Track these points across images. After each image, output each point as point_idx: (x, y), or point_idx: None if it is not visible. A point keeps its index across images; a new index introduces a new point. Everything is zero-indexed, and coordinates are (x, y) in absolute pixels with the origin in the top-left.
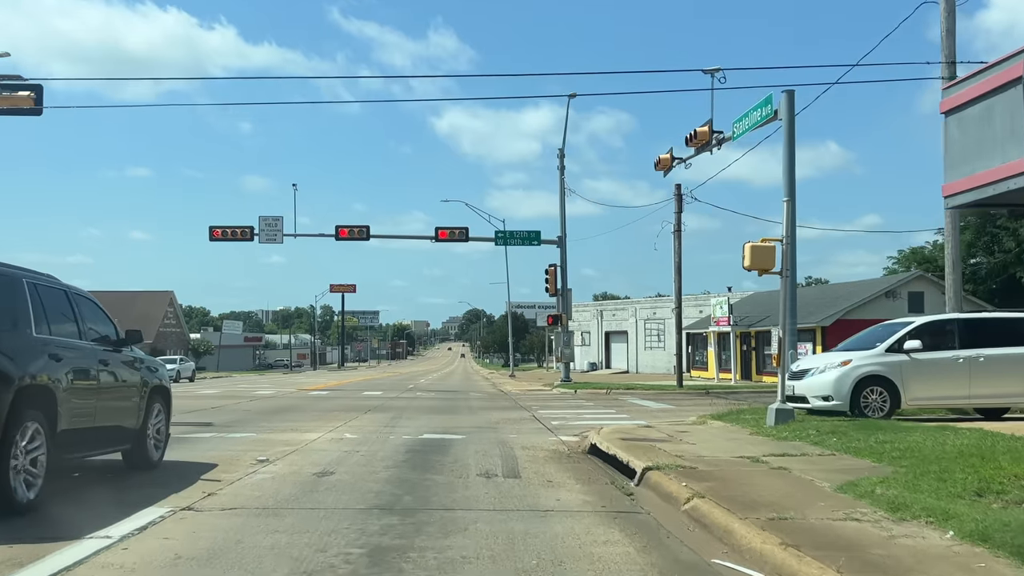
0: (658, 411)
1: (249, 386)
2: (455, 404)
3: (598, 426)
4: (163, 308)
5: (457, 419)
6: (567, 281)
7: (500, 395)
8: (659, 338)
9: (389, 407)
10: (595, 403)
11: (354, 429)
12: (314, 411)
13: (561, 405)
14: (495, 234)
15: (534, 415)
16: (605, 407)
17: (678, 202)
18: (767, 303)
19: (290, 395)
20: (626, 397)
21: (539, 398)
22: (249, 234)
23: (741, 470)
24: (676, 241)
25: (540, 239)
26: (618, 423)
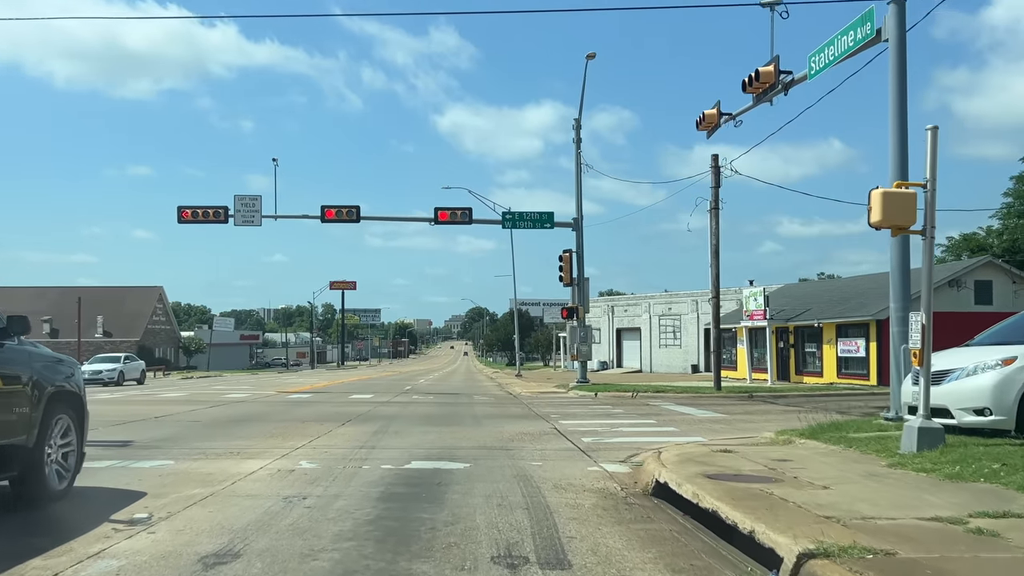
0: (707, 422)
1: (226, 387)
2: (456, 411)
3: (649, 445)
4: (152, 304)
5: (458, 434)
6: (584, 269)
7: (509, 399)
8: (675, 335)
9: (376, 416)
10: (624, 410)
11: (318, 452)
12: (281, 422)
13: (585, 413)
14: (502, 216)
15: (555, 427)
16: (639, 415)
17: (715, 175)
18: (804, 295)
19: (265, 399)
20: (657, 402)
21: (555, 403)
22: (223, 215)
23: (978, 560)
24: (713, 220)
25: (553, 221)
26: (674, 442)
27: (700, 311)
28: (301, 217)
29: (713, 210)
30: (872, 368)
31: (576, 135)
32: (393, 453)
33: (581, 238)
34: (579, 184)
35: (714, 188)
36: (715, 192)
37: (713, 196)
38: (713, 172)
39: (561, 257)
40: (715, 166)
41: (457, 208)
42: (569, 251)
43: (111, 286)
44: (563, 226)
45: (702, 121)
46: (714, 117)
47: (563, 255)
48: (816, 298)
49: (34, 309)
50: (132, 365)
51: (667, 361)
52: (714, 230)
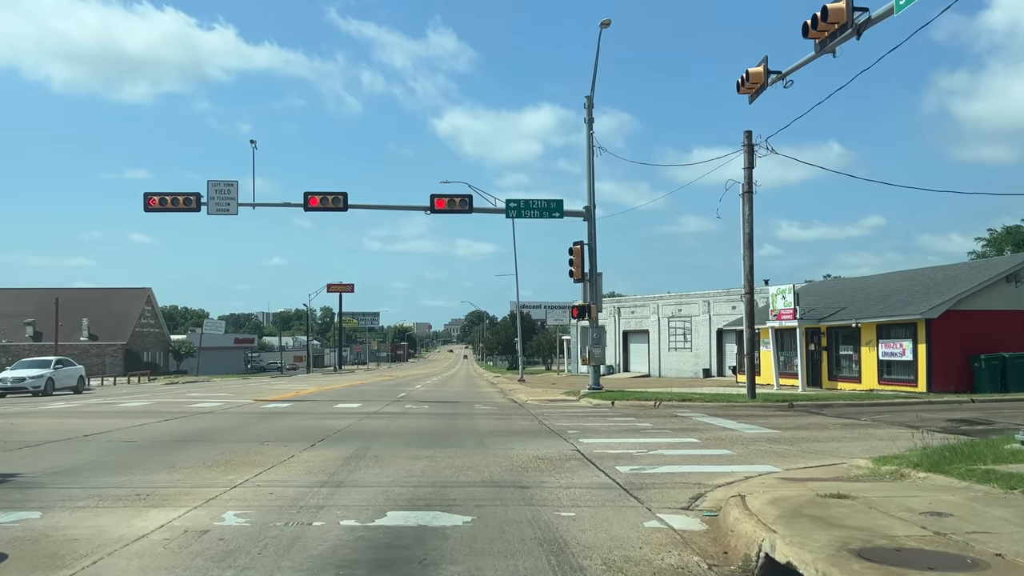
0: (762, 441)
1: (201, 395)
2: (454, 425)
3: (710, 479)
4: (140, 306)
5: (456, 460)
6: (596, 263)
7: (514, 408)
8: (685, 338)
9: (357, 433)
10: (652, 423)
11: (259, 495)
12: (236, 442)
13: (607, 428)
14: (506, 204)
15: (578, 448)
16: (673, 431)
17: (748, 154)
18: (834, 293)
19: (236, 410)
20: (686, 412)
21: (568, 414)
22: (195, 203)
23: None
24: (745, 205)
25: (562, 210)
26: (740, 473)
27: (712, 312)
28: (282, 205)
29: (746, 194)
30: (921, 373)
31: (588, 114)
32: (364, 495)
33: (593, 229)
34: (591, 168)
35: (747, 169)
36: (748, 174)
37: (746, 178)
38: (746, 151)
39: (571, 250)
40: (748, 144)
41: (456, 196)
42: (580, 243)
43: (98, 288)
44: (573, 215)
45: (744, 83)
46: (760, 76)
47: (573, 247)
48: (848, 296)
49: (17, 311)
50: (65, 371)
51: (677, 365)
52: (747, 216)
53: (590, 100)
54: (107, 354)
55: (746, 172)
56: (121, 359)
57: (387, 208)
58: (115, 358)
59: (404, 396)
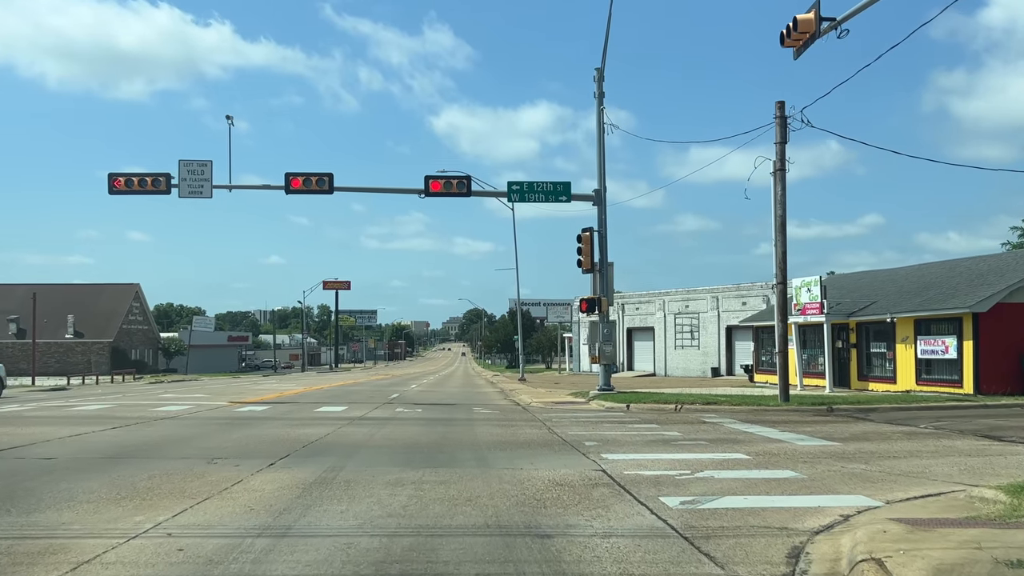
0: (826, 457)
1: (174, 396)
2: (450, 435)
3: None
4: (127, 303)
5: (451, 487)
6: (607, 252)
7: (517, 412)
8: (692, 335)
9: (332, 446)
10: (681, 432)
11: (160, 553)
12: (177, 460)
13: (630, 438)
14: (508, 187)
15: (603, 468)
16: (711, 443)
17: (780, 128)
18: (862, 286)
19: (204, 415)
20: (714, 418)
21: (580, 419)
22: (164, 184)
23: None
24: (778, 185)
25: (569, 193)
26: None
27: (721, 308)
28: (261, 188)
29: (778, 172)
30: (967, 373)
31: (598, 88)
32: (315, 554)
33: (604, 214)
34: (602, 148)
35: (779, 144)
36: (780, 149)
37: (778, 154)
38: (778, 124)
39: (580, 237)
40: (780, 116)
41: (452, 177)
42: (589, 229)
43: (85, 284)
44: (582, 199)
45: (790, 33)
46: (810, 25)
47: (582, 234)
48: (878, 289)
49: (2, 308)
50: None
51: (684, 364)
52: (779, 197)
53: (600, 73)
54: (93, 352)
55: (778, 148)
56: (108, 357)
57: (376, 191)
58: (101, 356)
59: (396, 398)
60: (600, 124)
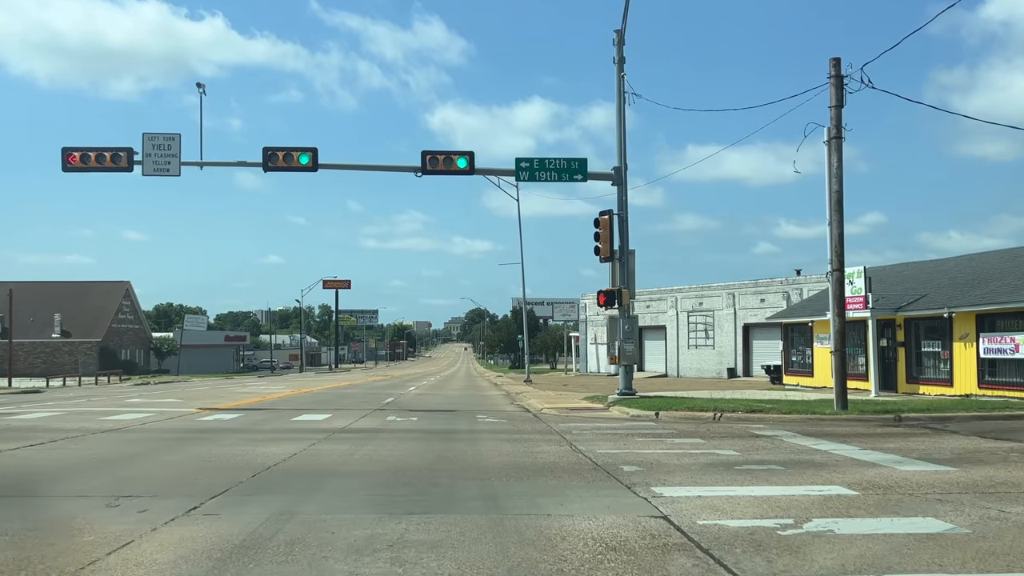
0: (947, 489)
1: (146, 399)
2: (449, 455)
3: None
4: (117, 301)
5: (444, 562)
6: (628, 238)
7: (528, 420)
8: (707, 334)
9: (292, 474)
10: (738, 451)
11: None
12: (64, 499)
13: (680, 460)
14: (516, 165)
15: (666, 515)
16: (786, 468)
17: (836, 89)
18: (908, 277)
19: (155, 426)
20: (764, 429)
21: (605, 431)
22: (125, 160)
23: None
24: (833, 155)
25: (586, 171)
26: None
27: (738, 306)
28: (236, 164)
29: (833, 140)
30: None
31: (617, 52)
32: None
33: (624, 195)
34: (622, 120)
35: (834, 108)
36: (836, 114)
37: (833, 119)
38: (833, 85)
39: (598, 221)
40: (836, 75)
41: (453, 152)
42: (608, 213)
43: (72, 281)
44: (599, 178)
45: None
46: None
47: (600, 218)
48: (927, 281)
49: None
50: None
51: (697, 364)
52: (835, 169)
53: (620, 35)
54: (80, 352)
55: (833, 112)
56: (96, 357)
57: (366, 168)
58: (89, 356)
59: (391, 402)
60: (620, 93)
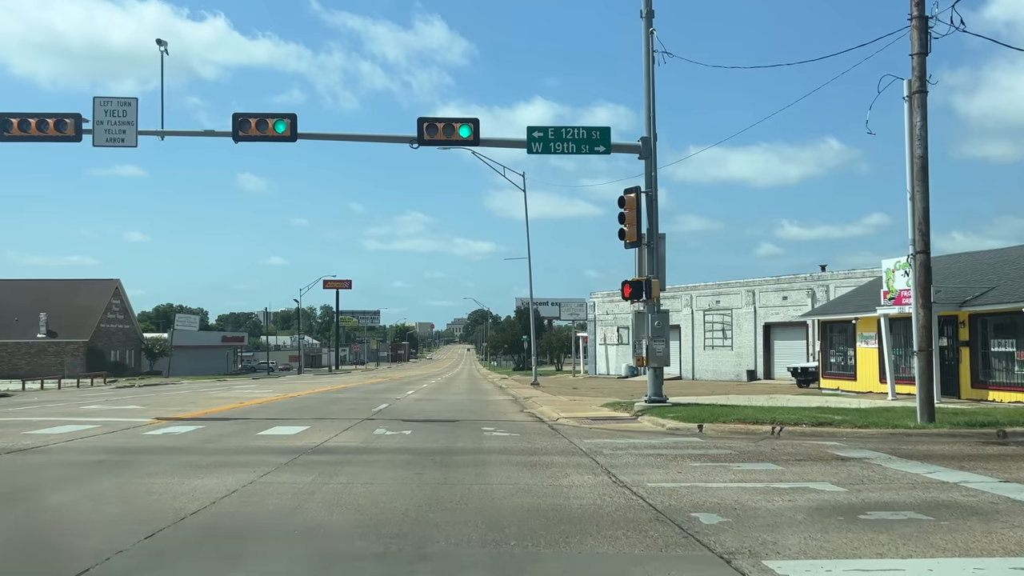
0: None
1: (105, 406)
2: (446, 496)
3: None
4: (106, 299)
5: None
6: (658, 220)
7: (544, 433)
8: (724, 334)
9: (207, 540)
10: (845, 487)
11: None
12: None
13: (773, 502)
14: (528, 135)
15: None
16: (931, 512)
17: (919, 35)
18: (967, 269)
19: (85, 444)
20: (844, 449)
21: (645, 451)
22: (72, 129)
23: None
24: (915, 114)
25: (609, 141)
26: None
27: (758, 304)
28: (203, 134)
29: (915, 95)
30: None
31: (645, 6)
32: None
33: (654, 168)
34: (650, 81)
35: (917, 56)
36: (919, 63)
37: (915, 70)
38: (915, 29)
39: (623, 200)
40: (919, 16)
41: (454, 120)
42: (635, 190)
43: (59, 279)
44: (624, 150)
45: None
46: None
47: (625, 197)
48: (992, 273)
49: None
50: None
51: (714, 366)
52: (917, 130)
53: None
54: (67, 353)
55: (916, 61)
56: (83, 358)
57: (352, 139)
58: (76, 357)
59: (384, 410)
60: (648, 51)
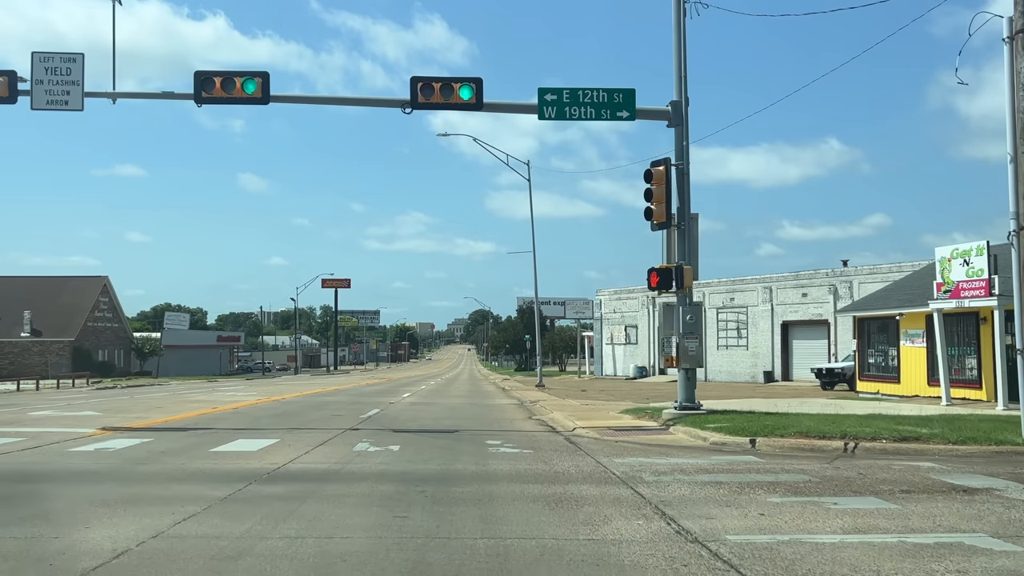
0: None
1: (58, 412)
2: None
3: None
4: (94, 297)
5: None
6: (690, 198)
7: (562, 449)
8: (739, 333)
9: None
10: (1013, 539)
11: None
12: None
13: None
14: (539, 97)
15: None
16: None
17: None
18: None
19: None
20: (946, 472)
21: (696, 475)
22: (5, 88)
23: None
24: (1017, 57)
25: (634, 105)
26: None
27: (775, 301)
28: (160, 96)
29: (1019, 34)
30: None
31: None
32: None
33: (685, 137)
34: (681, 35)
35: None
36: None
37: (1019, 6)
38: None
39: (650, 174)
40: None
41: (454, 79)
42: (664, 162)
43: (45, 276)
44: (652, 116)
45: None
46: None
47: (653, 170)
48: None
49: None
50: None
51: (728, 366)
52: (1022, 79)
53: None
54: (51, 352)
55: None
56: (69, 358)
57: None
58: (61, 357)
59: (373, 417)
60: (679, 6)
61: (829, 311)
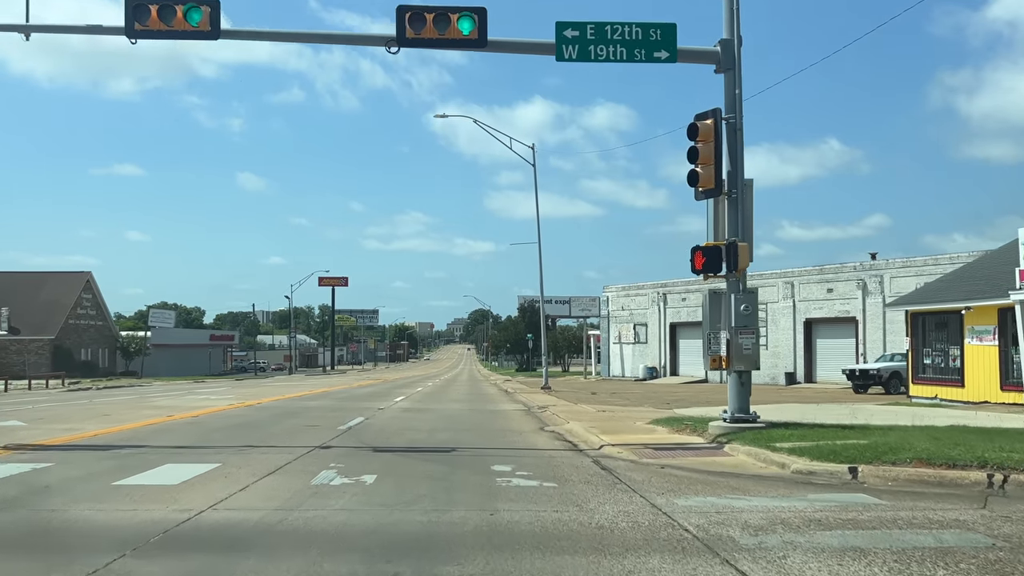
0: None
1: None
2: None
3: None
4: (76, 294)
5: None
6: (743, 160)
7: (601, 485)
8: None
9: None
10: None
11: None
12: None
13: None
14: (556, 33)
15: None
16: None
17: None
18: None
19: None
20: None
21: (802, 529)
22: None
23: None
24: None
25: (675, 43)
26: None
27: (797, 297)
28: (84, 31)
29: None
30: None
31: None
32: None
33: (738, 84)
34: None
35: None
36: None
37: None
38: None
39: (695, 128)
40: None
41: (450, 8)
42: (712, 114)
43: (25, 272)
44: (696, 59)
45: None
46: None
47: (699, 123)
48: None
49: None
50: None
51: None
52: None
53: None
54: (30, 351)
55: None
56: (48, 357)
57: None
58: (41, 356)
59: (354, 428)
60: None
61: (857, 307)
